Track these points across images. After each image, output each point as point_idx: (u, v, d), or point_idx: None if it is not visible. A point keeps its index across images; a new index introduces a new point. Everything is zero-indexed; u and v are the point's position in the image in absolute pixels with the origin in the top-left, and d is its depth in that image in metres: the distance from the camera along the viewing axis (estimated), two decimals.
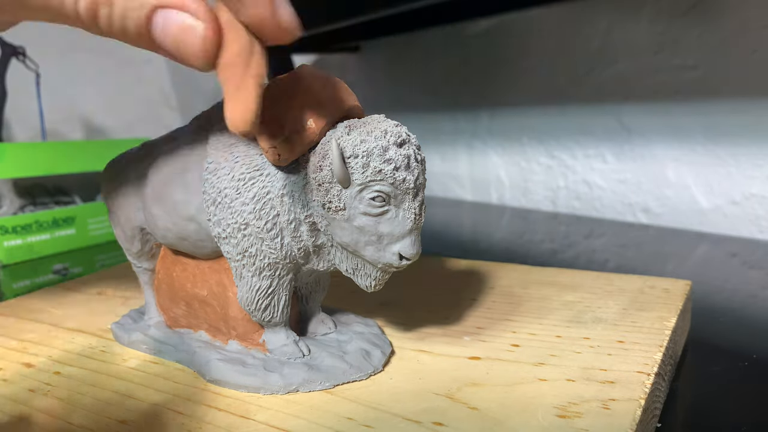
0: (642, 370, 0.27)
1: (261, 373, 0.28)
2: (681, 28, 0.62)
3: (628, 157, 0.70)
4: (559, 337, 0.31)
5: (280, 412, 0.26)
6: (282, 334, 0.30)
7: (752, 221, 0.60)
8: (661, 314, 0.33)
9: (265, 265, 0.29)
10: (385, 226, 0.26)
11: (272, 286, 0.29)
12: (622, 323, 0.32)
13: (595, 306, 0.35)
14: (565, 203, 0.77)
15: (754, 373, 0.32)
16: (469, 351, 0.30)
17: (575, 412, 0.24)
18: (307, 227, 0.28)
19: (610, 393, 0.25)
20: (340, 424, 0.24)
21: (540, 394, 0.26)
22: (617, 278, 0.40)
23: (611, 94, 0.70)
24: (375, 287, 0.29)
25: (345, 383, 0.28)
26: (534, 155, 0.80)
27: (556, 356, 0.29)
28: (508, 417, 0.24)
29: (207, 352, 0.30)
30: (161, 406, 0.27)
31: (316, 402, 0.27)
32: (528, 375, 0.28)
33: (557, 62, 0.74)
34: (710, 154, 0.63)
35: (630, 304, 0.35)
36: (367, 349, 0.30)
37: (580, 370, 0.28)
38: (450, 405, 0.25)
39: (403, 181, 0.26)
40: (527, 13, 0.75)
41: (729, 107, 0.60)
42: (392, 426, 0.24)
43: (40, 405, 0.28)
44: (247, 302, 0.29)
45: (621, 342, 0.30)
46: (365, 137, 0.26)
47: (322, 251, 0.29)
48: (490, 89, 0.83)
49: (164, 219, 0.31)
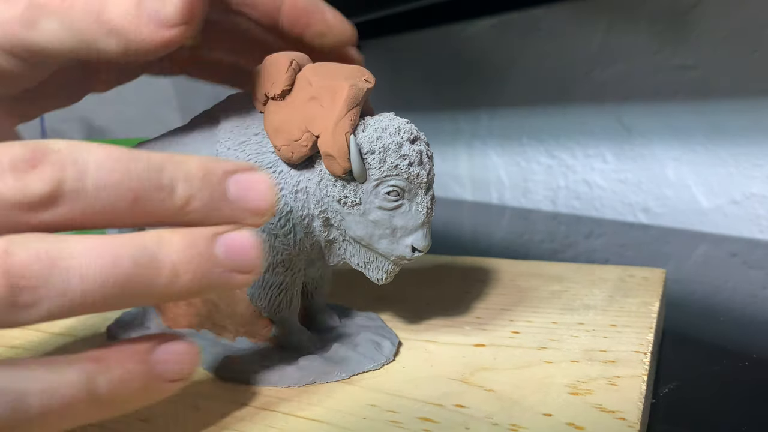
0: (638, 350, 0.29)
1: (277, 366, 0.28)
2: (681, 28, 0.62)
3: (628, 156, 0.70)
4: (555, 323, 0.33)
5: (303, 402, 0.26)
6: (293, 328, 0.31)
7: (752, 221, 0.60)
8: (644, 299, 0.35)
9: (279, 262, 0.29)
10: (399, 219, 0.27)
11: (285, 281, 0.29)
12: (610, 309, 0.34)
13: (582, 294, 0.37)
14: (565, 203, 0.77)
15: (754, 373, 0.32)
16: (473, 339, 0.31)
17: (586, 390, 0.25)
18: (320, 222, 0.28)
19: (614, 371, 0.27)
20: (365, 410, 0.25)
21: (549, 374, 0.27)
22: (597, 268, 0.42)
23: (611, 94, 0.70)
24: (386, 279, 0.29)
25: (360, 373, 0.28)
26: (534, 155, 0.80)
27: (556, 340, 0.31)
28: (524, 397, 0.25)
29: (216, 349, 0.31)
30: (178, 404, 0.27)
31: (336, 392, 0.27)
32: (533, 358, 0.29)
33: (557, 62, 0.75)
34: (710, 154, 0.63)
35: (614, 292, 0.37)
36: (377, 340, 0.30)
37: (581, 351, 0.29)
38: (466, 388, 0.26)
39: (417, 175, 0.27)
40: (527, 13, 0.75)
41: (729, 107, 0.60)
42: (416, 410, 0.25)
43: None
44: (260, 299, 0.30)
45: (613, 325, 0.32)
46: (381, 134, 0.26)
47: (333, 246, 0.29)
48: (490, 89, 0.83)
49: None
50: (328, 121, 0.26)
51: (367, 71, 0.28)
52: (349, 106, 0.26)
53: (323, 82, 0.27)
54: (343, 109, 0.26)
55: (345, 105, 0.26)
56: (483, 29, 0.82)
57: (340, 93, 0.26)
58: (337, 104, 0.26)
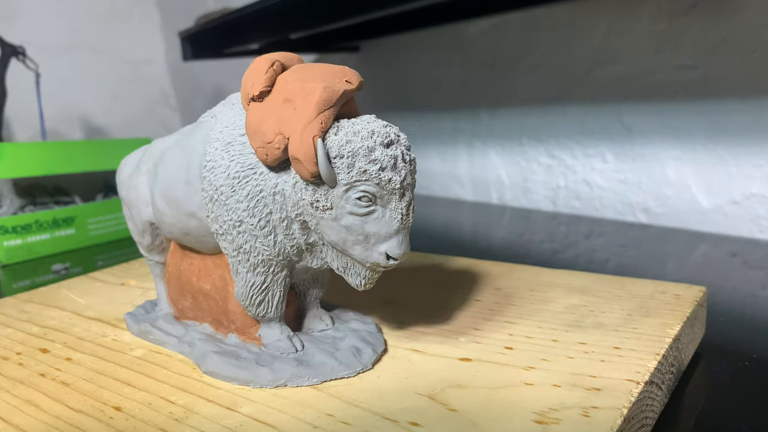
0: (632, 378, 0.26)
1: (252, 367, 0.29)
2: (681, 28, 0.62)
3: (629, 156, 0.70)
4: (555, 341, 0.31)
5: (265, 406, 0.26)
6: (276, 329, 0.31)
7: (752, 221, 0.60)
8: (665, 321, 0.32)
9: (259, 262, 0.29)
10: (372, 225, 0.27)
11: (266, 282, 0.30)
12: (622, 329, 0.32)
13: (599, 310, 0.35)
14: (565, 203, 0.77)
15: (754, 372, 0.32)
16: (461, 352, 0.31)
17: (553, 419, 0.24)
18: (299, 225, 0.28)
19: (594, 401, 0.25)
20: (320, 420, 0.25)
21: (522, 398, 0.26)
22: (629, 282, 0.39)
23: (611, 94, 0.70)
24: (365, 286, 0.29)
25: (333, 380, 0.28)
26: (534, 155, 0.80)
27: (548, 361, 0.29)
28: (486, 420, 0.24)
29: (206, 344, 0.31)
30: (155, 394, 0.28)
31: (302, 397, 0.27)
32: (515, 379, 0.27)
33: (557, 62, 0.74)
34: (710, 154, 0.63)
35: (636, 310, 0.34)
36: (359, 346, 0.30)
37: (568, 375, 0.27)
38: (430, 405, 0.25)
39: (389, 181, 0.26)
40: (527, 13, 0.75)
41: (729, 107, 0.60)
42: (369, 424, 0.24)
43: (46, 388, 0.29)
44: (243, 297, 0.30)
45: (617, 348, 0.30)
46: (351, 138, 0.26)
47: (315, 249, 0.29)
48: (490, 89, 0.83)
49: (169, 214, 0.32)
50: (297, 124, 0.26)
51: (351, 72, 0.27)
52: (319, 109, 0.26)
53: (298, 84, 0.27)
54: (313, 112, 0.26)
55: (315, 108, 0.26)
56: (483, 29, 0.82)
57: (312, 95, 0.26)
58: (308, 107, 0.26)
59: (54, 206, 0.71)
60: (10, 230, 0.64)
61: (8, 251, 0.63)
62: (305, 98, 0.26)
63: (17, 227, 0.64)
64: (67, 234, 0.69)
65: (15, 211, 0.68)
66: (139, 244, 0.36)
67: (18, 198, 0.69)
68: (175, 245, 0.35)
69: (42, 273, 0.60)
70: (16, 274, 0.60)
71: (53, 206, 0.71)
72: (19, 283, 0.57)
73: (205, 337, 0.32)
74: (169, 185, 0.32)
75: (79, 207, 0.70)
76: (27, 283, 0.57)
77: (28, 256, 0.65)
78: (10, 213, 0.67)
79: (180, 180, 0.31)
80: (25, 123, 0.93)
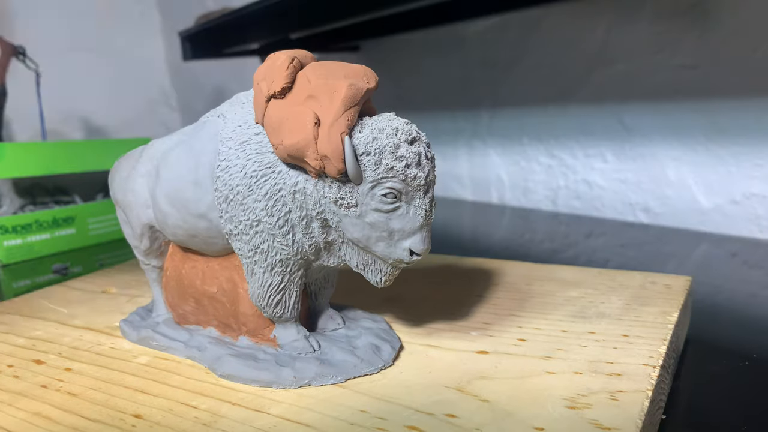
0: (648, 363, 0.28)
1: (273, 368, 0.28)
2: (681, 28, 0.62)
3: (629, 156, 0.70)
4: (565, 331, 0.32)
5: (294, 406, 0.26)
6: (293, 329, 0.31)
7: (752, 221, 0.60)
8: (663, 309, 0.34)
9: (277, 261, 0.29)
10: (397, 222, 0.27)
11: (284, 282, 0.29)
12: (625, 318, 0.33)
13: (598, 302, 0.36)
14: (565, 203, 0.77)
15: (754, 372, 0.32)
16: (476, 345, 0.31)
17: (584, 404, 0.25)
18: (319, 224, 0.28)
19: (618, 385, 0.26)
20: (354, 416, 0.25)
21: (549, 386, 0.26)
22: (619, 274, 0.40)
23: (611, 94, 0.70)
24: (385, 282, 0.29)
25: (356, 377, 0.28)
26: (534, 155, 0.80)
27: (563, 350, 0.30)
28: (519, 408, 0.24)
29: (218, 348, 0.31)
30: (174, 400, 0.27)
31: (329, 395, 0.27)
32: (536, 368, 0.28)
33: (557, 62, 0.74)
34: (710, 154, 0.63)
35: (632, 300, 0.35)
36: (377, 344, 0.30)
37: (586, 363, 0.28)
38: (461, 397, 0.26)
39: (414, 177, 0.26)
40: (527, 13, 0.75)
41: (729, 107, 0.60)
42: (405, 418, 0.24)
43: (53, 400, 0.28)
44: (259, 298, 0.30)
45: (625, 336, 0.31)
46: (377, 135, 0.26)
47: (333, 247, 0.29)
48: (490, 89, 0.83)
49: (175, 216, 0.31)
50: (324, 121, 0.26)
51: (369, 72, 0.28)
52: (346, 106, 0.26)
53: (322, 80, 0.27)
54: (340, 109, 0.26)
55: (342, 105, 0.26)
56: (483, 29, 0.82)
57: (338, 92, 0.26)
58: (334, 104, 0.26)
59: (54, 206, 0.71)
60: (10, 230, 0.64)
61: (8, 251, 0.64)
62: (331, 95, 0.26)
63: (17, 227, 0.64)
64: (67, 234, 0.69)
65: (15, 210, 0.68)
66: (136, 248, 0.35)
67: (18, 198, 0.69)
68: (175, 248, 0.35)
69: (42, 273, 0.60)
70: (16, 274, 0.60)
71: (53, 206, 0.71)
72: (19, 283, 0.57)
73: (214, 340, 0.32)
74: (175, 187, 0.31)
75: (79, 207, 0.70)
76: (27, 282, 0.57)
77: (28, 256, 0.65)
78: (10, 213, 0.67)
79: (188, 181, 0.30)
80: (25, 123, 0.92)
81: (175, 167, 0.31)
